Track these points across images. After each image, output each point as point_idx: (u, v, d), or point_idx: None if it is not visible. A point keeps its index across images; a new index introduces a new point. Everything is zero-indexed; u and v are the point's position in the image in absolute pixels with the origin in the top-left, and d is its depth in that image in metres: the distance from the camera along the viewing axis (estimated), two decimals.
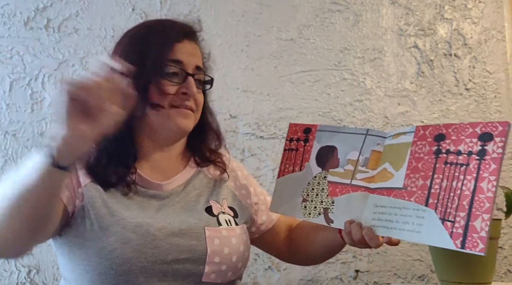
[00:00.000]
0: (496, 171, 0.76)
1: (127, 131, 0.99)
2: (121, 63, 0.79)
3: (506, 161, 1.78)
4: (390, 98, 1.77)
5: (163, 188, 1.02)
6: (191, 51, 1.03)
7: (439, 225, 0.78)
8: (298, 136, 1.02)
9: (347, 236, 0.91)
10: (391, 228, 0.84)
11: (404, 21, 1.80)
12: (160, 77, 0.98)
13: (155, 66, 0.98)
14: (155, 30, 1.03)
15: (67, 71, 1.70)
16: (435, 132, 0.84)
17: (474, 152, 0.78)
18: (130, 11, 1.74)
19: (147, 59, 0.98)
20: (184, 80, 1.00)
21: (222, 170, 1.11)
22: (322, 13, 1.79)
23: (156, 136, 1.02)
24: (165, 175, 1.04)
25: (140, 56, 0.98)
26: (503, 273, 1.72)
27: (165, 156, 1.05)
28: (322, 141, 0.99)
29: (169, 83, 0.99)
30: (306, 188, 0.99)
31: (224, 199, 1.07)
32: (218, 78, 1.72)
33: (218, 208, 1.04)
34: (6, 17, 1.71)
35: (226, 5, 1.77)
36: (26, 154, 1.66)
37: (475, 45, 1.80)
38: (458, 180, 0.78)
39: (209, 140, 1.12)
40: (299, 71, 1.76)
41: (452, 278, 1.33)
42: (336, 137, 0.97)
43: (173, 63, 1.00)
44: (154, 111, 0.99)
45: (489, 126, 0.78)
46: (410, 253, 1.70)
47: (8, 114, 1.68)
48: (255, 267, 1.65)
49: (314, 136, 1.00)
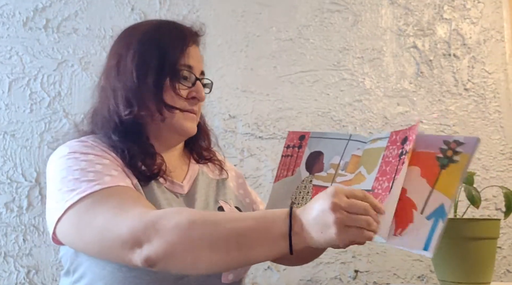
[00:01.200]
0: (400, 171, 0.80)
1: (141, 131, 1.01)
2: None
3: (506, 161, 1.78)
4: (389, 98, 1.77)
5: (184, 188, 1.03)
6: (198, 56, 1.06)
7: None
8: (294, 143, 1.06)
9: None
10: None
11: (403, 21, 1.80)
12: (175, 81, 1.00)
13: (172, 71, 0.99)
14: (171, 33, 1.04)
15: (66, 72, 1.70)
16: (403, 136, 0.85)
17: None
18: (129, 11, 1.74)
19: (165, 63, 0.99)
20: (193, 84, 1.02)
21: (220, 167, 1.13)
22: (321, 13, 1.79)
23: (163, 138, 1.03)
24: (177, 174, 1.05)
25: (157, 58, 0.99)
26: (502, 273, 1.72)
27: (171, 156, 1.06)
28: (312, 147, 1.03)
29: (182, 87, 1.01)
30: (295, 192, 1.02)
31: (230, 199, 1.09)
32: (218, 78, 1.72)
33: (228, 209, 1.06)
34: (5, 17, 1.71)
35: (226, 5, 1.77)
36: (25, 154, 1.66)
37: (474, 45, 1.81)
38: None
39: (201, 139, 1.14)
40: (298, 71, 1.76)
41: (451, 278, 1.33)
42: (322, 143, 1.02)
43: (185, 67, 1.01)
44: (168, 113, 1.00)
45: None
46: (410, 253, 1.70)
47: (7, 114, 1.67)
48: (255, 267, 1.65)
49: (306, 142, 1.04)
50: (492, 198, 1.75)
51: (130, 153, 0.96)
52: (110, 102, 1.00)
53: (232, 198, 1.10)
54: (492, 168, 1.77)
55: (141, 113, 0.99)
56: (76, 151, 0.93)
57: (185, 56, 1.02)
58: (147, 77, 0.99)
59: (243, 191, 1.16)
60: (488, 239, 1.32)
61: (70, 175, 0.89)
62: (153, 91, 0.98)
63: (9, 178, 1.64)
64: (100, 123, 1.01)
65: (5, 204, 1.63)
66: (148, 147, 1.00)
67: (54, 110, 1.68)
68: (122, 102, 0.99)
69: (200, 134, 1.12)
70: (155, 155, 1.00)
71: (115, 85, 1.01)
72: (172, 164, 1.05)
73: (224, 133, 1.71)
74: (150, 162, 0.98)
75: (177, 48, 1.01)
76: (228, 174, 1.15)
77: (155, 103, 0.99)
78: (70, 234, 0.87)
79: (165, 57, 1.00)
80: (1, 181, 1.64)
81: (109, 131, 0.99)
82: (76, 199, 0.85)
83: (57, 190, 0.89)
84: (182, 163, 1.09)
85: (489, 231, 1.32)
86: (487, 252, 1.32)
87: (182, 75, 1.01)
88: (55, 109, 1.68)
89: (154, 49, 1.01)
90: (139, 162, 0.96)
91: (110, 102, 1.00)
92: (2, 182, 1.64)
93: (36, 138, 1.67)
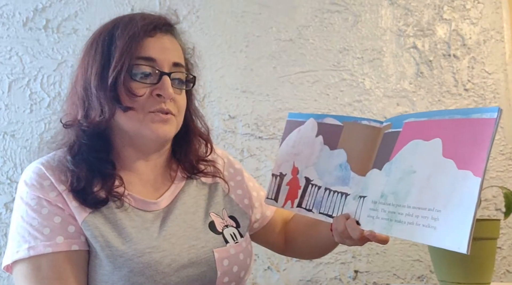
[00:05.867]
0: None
1: (103, 139, 0.93)
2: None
3: (505, 161, 1.78)
4: (389, 98, 1.77)
5: (160, 204, 0.96)
6: (166, 46, 0.92)
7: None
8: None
9: (334, 230, 0.90)
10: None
11: (403, 21, 1.80)
12: (128, 78, 0.88)
13: (120, 65, 0.87)
14: (121, 24, 0.91)
15: (66, 72, 1.70)
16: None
17: None
18: (129, 11, 1.74)
19: (112, 57, 0.88)
20: (158, 81, 0.90)
21: (214, 177, 1.05)
22: (321, 13, 1.79)
23: (137, 144, 0.94)
24: (155, 188, 0.97)
25: (105, 55, 0.89)
26: (502, 274, 1.72)
27: (150, 166, 0.98)
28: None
29: (139, 85, 0.89)
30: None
31: (224, 209, 1.03)
32: (217, 78, 1.73)
33: (221, 223, 0.99)
34: (5, 18, 1.71)
35: (225, 5, 1.77)
36: (25, 155, 1.65)
37: (474, 45, 1.81)
38: None
39: (195, 147, 1.03)
40: (298, 71, 1.76)
41: (451, 278, 1.33)
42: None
43: (143, 61, 0.89)
44: (124, 115, 0.89)
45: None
46: (410, 253, 1.70)
47: (7, 114, 1.68)
48: (255, 267, 1.65)
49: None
50: (492, 198, 1.75)
51: (80, 181, 0.88)
52: (65, 113, 0.94)
53: (227, 206, 1.03)
54: (492, 168, 1.77)
55: (90, 120, 0.89)
56: (28, 203, 0.88)
57: (141, 47, 0.89)
58: (93, 78, 0.89)
59: (242, 191, 1.09)
60: (488, 239, 1.32)
61: (25, 223, 0.87)
62: (101, 93, 0.88)
63: (9, 178, 1.64)
64: (60, 138, 0.95)
65: (5, 204, 1.63)
66: (105, 166, 0.91)
67: (54, 111, 1.68)
68: (73, 111, 0.92)
69: (192, 141, 1.03)
70: (113, 176, 0.91)
71: (69, 94, 0.94)
72: (151, 176, 0.98)
73: (224, 134, 1.71)
74: (106, 185, 0.90)
75: (130, 39, 0.88)
76: (228, 171, 1.09)
77: (106, 106, 0.88)
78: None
79: (111, 52, 0.88)
80: (1, 181, 1.64)
81: (67, 149, 0.93)
82: (23, 256, 0.85)
83: (14, 228, 0.89)
84: (166, 177, 1.00)
85: (489, 231, 1.32)
86: (487, 253, 1.32)
87: (139, 71, 0.89)
88: (55, 110, 1.68)
89: (102, 45, 0.90)
90: (93, 188, 0.89)
91: (66, 113, 0.94)
92: (2, 182, 1.64)
93: (36, 138, 1.67)
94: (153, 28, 0.92)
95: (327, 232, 0.99)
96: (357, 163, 0.91)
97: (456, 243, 0.70)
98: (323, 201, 0.95)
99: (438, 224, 0.73)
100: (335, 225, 0.89)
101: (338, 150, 0.95)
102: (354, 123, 0.95)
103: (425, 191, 0.76)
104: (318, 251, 1.13)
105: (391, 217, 0.80)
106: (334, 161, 0.95)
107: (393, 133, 0.86)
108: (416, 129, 0.83)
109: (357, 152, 0.92)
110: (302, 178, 1.00)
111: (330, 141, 0.97)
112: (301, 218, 1.11)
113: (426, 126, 0.81)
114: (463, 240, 0.69)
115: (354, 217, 0.87)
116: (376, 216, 0.83)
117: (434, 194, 0.75)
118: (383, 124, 0.91)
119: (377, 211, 0.83)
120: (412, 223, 0.76)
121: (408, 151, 0.82)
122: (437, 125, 0.79)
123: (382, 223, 0.82)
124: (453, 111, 0.78)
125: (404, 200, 0.79)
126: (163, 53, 0.91)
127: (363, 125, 0.93)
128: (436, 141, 0.78)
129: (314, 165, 0.99)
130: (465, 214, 0.70)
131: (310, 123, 1.02)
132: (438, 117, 0.80)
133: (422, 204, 0.76)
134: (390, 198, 0.82)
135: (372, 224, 0.83)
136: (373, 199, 0.85)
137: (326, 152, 0.97)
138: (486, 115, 0.72)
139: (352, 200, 0.90)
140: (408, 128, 0.84)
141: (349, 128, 0.95)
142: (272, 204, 1.06)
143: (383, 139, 0.89)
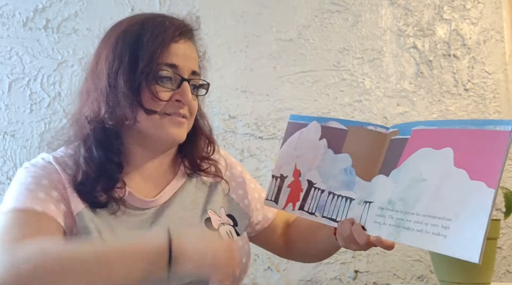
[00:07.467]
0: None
1: (116, 138, 0.94)
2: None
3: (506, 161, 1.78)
4: (389, 98, 1.77)
5: (156, 202, 0.96)
6: (187, 53, 0.95)
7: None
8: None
9: (338, 235, 0.89)
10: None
11: (403, 21, 1.80)
12: (153, 82, 0.91)
13: (148, 69, 0.90)
14: (149, 28, 0.93)
15: (66, 72, 1.70)
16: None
17: None
18: (129, 11, 1.74)
19: (140, 60, 0.90)
20: (179, 86, 0.93)
21: (215, 177, 1.06)
22: (321, 13, 1.79)
23: (147, 144, 0.96)
24: (156, 184, 0.99)
25: (132, 57, 0.91)
26: (502, 274, 1.72)
27: (157, 164, 0.99)
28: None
29: (162, 89, 0.92)
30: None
31: (222, 207, 1.03)
32: (217, 78, 1.72)
33: (217, 220, 0.99)
34: (5, 18, 1.71)
35: (226, 5, 1.77)
36: (25, 155, 1.65)
37: (474, 45, 1.81)
38: None
39: (200, 147, 1.05)
40: (298, 71, 1.76)
41: (451, 278, 1.33)
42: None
43: (167, 67, 0.92)
44: (147, 117, 0.91)
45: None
46: (410, 253, 1.70)
47: (7, 114, 1.67)
48: (255, 267, 1.65)
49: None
50: None
51: (87, 177, 0.90)
52: (84, 108, 0.94)
53: (225, 205, 1.03)
54: None
55: (116, 119, 0.91)
56: (29, 172, 0.91)
57: (167, 53, 0.92)
58: (119, 78, 0.90)
59: (243, 192, 1.09)
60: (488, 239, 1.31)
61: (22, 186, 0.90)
62: (127, 94, 0.90)
63: (9, 178, 1.64)
64: (73, 132, 0.96)
65: None
66: (112, 168, 0.92)
67: (54, 111, 1.68)
68: (94, 107, 0.92)
69: (198, 140, 1.04)
70: (117, 180, 0.92)
71: (89, 89, 0.94)
72: (155, 173, 0.98)
73: (224, 134, 1.71)
74: (108, 189, 0.91)
75: (158, 45, 0.91)
76: (230, 172, 1.09)
77: (129, 107, 0.90)
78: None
79: (140, 55, 0.90)
80: (1, 181, 1.64)
81: (78, 144, 0.93)
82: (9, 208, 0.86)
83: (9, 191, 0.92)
84: (169, 172, 1.01)
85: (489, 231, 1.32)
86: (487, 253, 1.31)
87: (163, 76, 0.92)
88: (55, 110, 1.68)
89: (129, 46, 0.91)
90: (96, 189, 0.90)
91: (84, 108, 0.94)
92: (2, 182, 1.64)
93: (36, 138, 1.67)
94: (179, 34, 0.95)
95: (329, 236, 0.98)
96: (362, 168, 0.91)
97: (467, 252, 0.70)
98: (327, 204, 0.94)
99: (449, 233, 0.73)
100: (340, 230, 0.88)
101: (343, 154, 0.95)
102: (360, 128, 0.94)
103: (435, 199, 0.76)
104: (319, 254, 1.13)
105: (399, 224, 0.80)
106: (338, 165, 0.95)
107: (401, 140, 0.86)
108: (425, 137, 0.82)
109: (363, 156, 0.91)
110: (305, 180, 1.00)
111: (334, 145, 0.97)
112: (303, 221, 1.10)
113: (435, 135, 0.81)
114: (475, 250, 0.70)
115: (359, 222, 0.87)
116: (383, 222, 0.83)
117: (445, 203, 0.75)
118: (390, 130, 0.90)
119: (384, 217, 0.83)
120: (421, 231, 0.76)
121: (417, 158, 0.82)
122: (448, 135, 0.79)
123: (390, 229, 0.81)
124: (465, 122, 0.78)
125: (413, 207, 0.79)
126: (184, 60, 0.94)
127: (368, 130, 0.93)
128: (447, 151, 0.78)
129: (318, 168, 0.98)
130: (478, 224, 0.70)
131: (313, 126, 1.02)
132: (449, 126, 0.80)
133: (432, 212, 0.76)
134: (398, 205, 0.81)
135: (378, 230, 0.83)
136: (379, 205, 0.85)
137: (330, 156, 0.97)
138: (500, 127, 0.72)
139: (357, 205, 0.89)
140: (417, 136, 0.84)
141: (354, 133, 0.94)
142: (272, 205, 1.05)
143: (389, 146, 0.88)
